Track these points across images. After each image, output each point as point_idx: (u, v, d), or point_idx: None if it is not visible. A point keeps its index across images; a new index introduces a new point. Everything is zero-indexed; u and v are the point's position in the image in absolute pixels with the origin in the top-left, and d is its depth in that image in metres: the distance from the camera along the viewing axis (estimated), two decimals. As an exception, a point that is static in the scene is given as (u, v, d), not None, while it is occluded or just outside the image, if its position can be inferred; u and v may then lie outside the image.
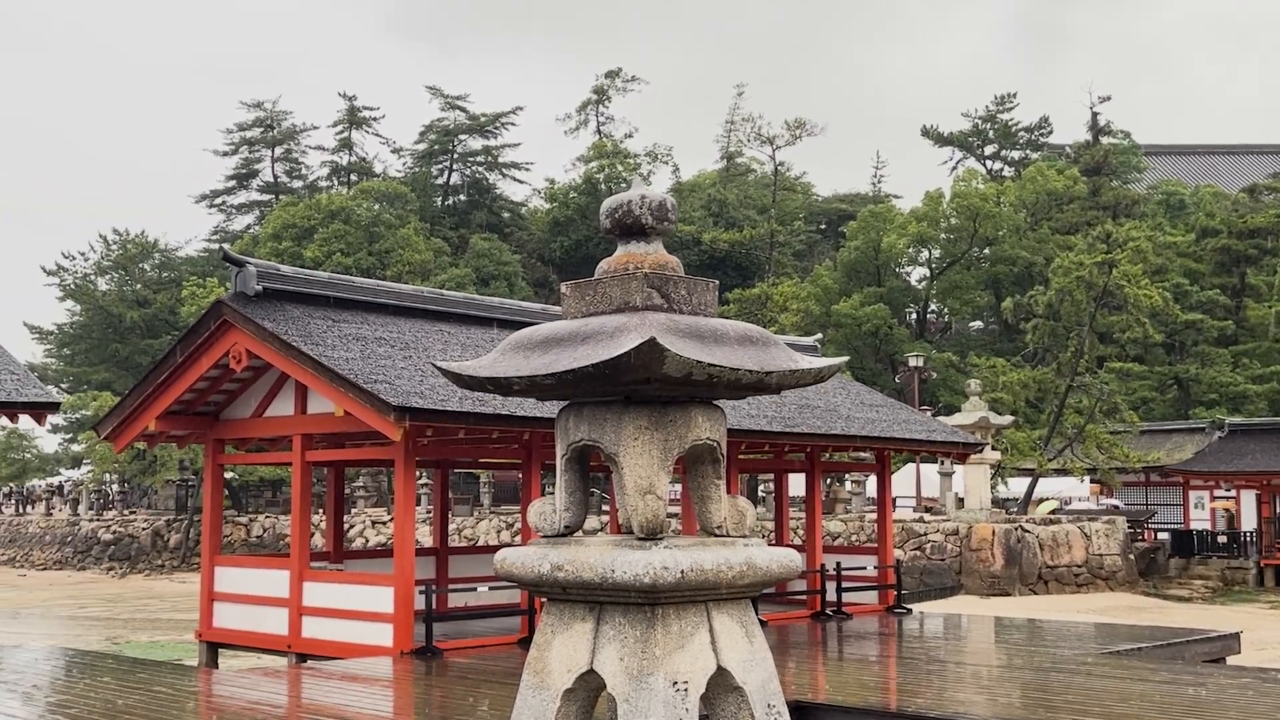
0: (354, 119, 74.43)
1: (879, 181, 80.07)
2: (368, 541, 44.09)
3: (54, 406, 15.87)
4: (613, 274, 4.90)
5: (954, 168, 72.12)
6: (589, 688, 4.81)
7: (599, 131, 76.80)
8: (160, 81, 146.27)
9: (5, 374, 15.28)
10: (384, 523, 44.99)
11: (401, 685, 12.41)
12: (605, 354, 4.40)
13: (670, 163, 77.33)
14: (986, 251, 58.08)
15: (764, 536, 5.60)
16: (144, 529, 49.95)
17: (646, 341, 4.28)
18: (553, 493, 5.18)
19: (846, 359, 5.73)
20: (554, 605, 4.93)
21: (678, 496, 28.84)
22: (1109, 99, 68.50)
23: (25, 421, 15.71)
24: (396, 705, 11.60)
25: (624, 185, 64.69)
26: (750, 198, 71.96)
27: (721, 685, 4.72)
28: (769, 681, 4.82)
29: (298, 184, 75.64)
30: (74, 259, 68.59)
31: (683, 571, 4.44)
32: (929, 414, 32.24)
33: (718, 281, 5.20)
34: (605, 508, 29.40)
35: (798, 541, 24.61)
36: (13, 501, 62.91)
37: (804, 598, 18.51)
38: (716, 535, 4.92)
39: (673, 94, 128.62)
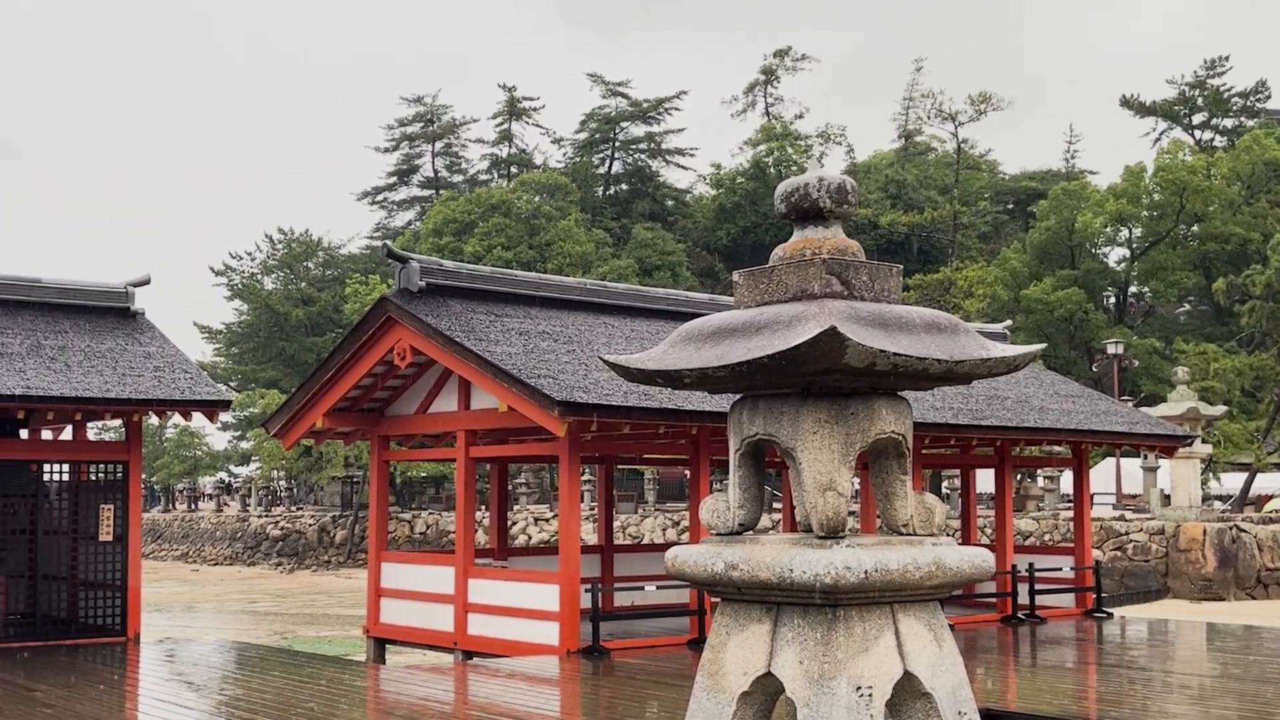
0: (514, 110, 75.92)
1: (1072, 157, 77.32)
2: (530, 539, 45.04)
3: (225, 404, 16.79)
4: (788, 260, 4.90)
5: (1157, 139, 69.05)
6: (766, 691, 4.83)
7: (767, 113, 76.41)
8: (324, 81, 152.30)
9: (179, 372, 16.25)
10: (546, 520, 45.87)
11: (568, 685, 12.68)
12: (782, 344, 4.41)
13: (844, 143, 76.30)
14: (1195, 229, 55.46)
15: (951, 535, 5.52)
16: (311, 525, 52.22)
17: (826, 330, 4.27)
18: (722, 489, 5.22)
19: (1043, 346, 5.58)
20: (728, 606, 4.97)
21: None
22: (1336, 56, 64.33)
23: (197, 419, 16.65)
24: (564, 705, 11.86)
25: (793, 169, 64.26)
26: (930, 178, 70.46)
27: (908, 691, 4.68)
28: (960, 688, 4.76)
29: (458, 178, 77.69)
30: (241, 259, 72.16)
31: (866, 572, 4.43)
32: (1130, 404, 31.05)
33: (901, 266, 5.14)
34: (775, 505, 29.33)
35: (986, 541, 24.15)
36: (185, 498, 66.61)
37: (994, 600, 18.22)
38: (902, 534, 4.87)
39: (845, 72, 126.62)
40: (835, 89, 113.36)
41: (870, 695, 4.48)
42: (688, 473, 19.31)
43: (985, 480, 26.43)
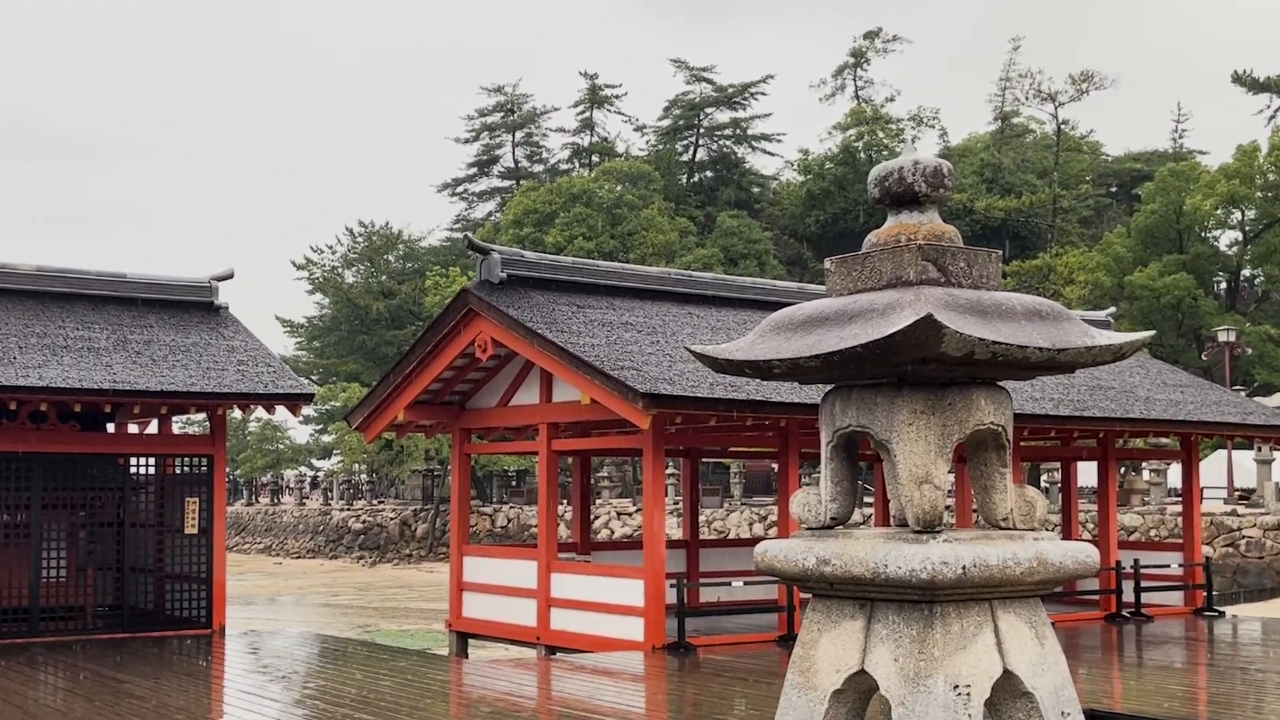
0: (595, 98, 76.10)
1: (1180, 136, 75.45)
2: (613, 533, 45.26)
3: (308, 398, 17.14)
4: (882, 247, 4.88)
5: (1272, 117, 67.04)
6: (859, 689, 4.82)
7: (857, 97, 75.74)
8: (403, 73, 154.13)
9: (262, 366, 16.61)
10: (629, 514, 46.06)
11: (653, 681, 12.74)
12: (876, 333, 4.39)
13: (937, 126, 75.26)
14: (1312, 209, 53.84)
15: (1051, 530, 5.48)
16: (392, 519, 53.03)
17: (922, 319, 4.24)
18: (809, 483, 5.21)
19: (1151, 334, 5.47)
20: (820, 602, 4.97)
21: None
22: None
23: (280, 413, 17.03)
24: (649, 702, 11.92)
25: (884, 153, 63.59)
26: (1028, 161, 69.25)
27: (1008, 690, 4.64)
28: (1063, 688, 4.71)
29: (538, 168, 78.10)
30: (321, 252, 73.35)
31: (964, 567, 4.39)
32: (1243, 394, 30.30)
33: (1000, 251, 5.08)
34: (865, 499, 29.14)
35: (1088, 536, 23.79)
36: (268, 491, 68.07)
37: (1096, 598, 18.00)
38: (1001, 528, 4.83)
39: (938, 53, 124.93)
40: (928, 71, 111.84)
41: (968, 694, 4.45)
42: (775, 466, 19.26)
43: (1087, 473, 26.00)
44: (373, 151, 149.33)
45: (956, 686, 4.44)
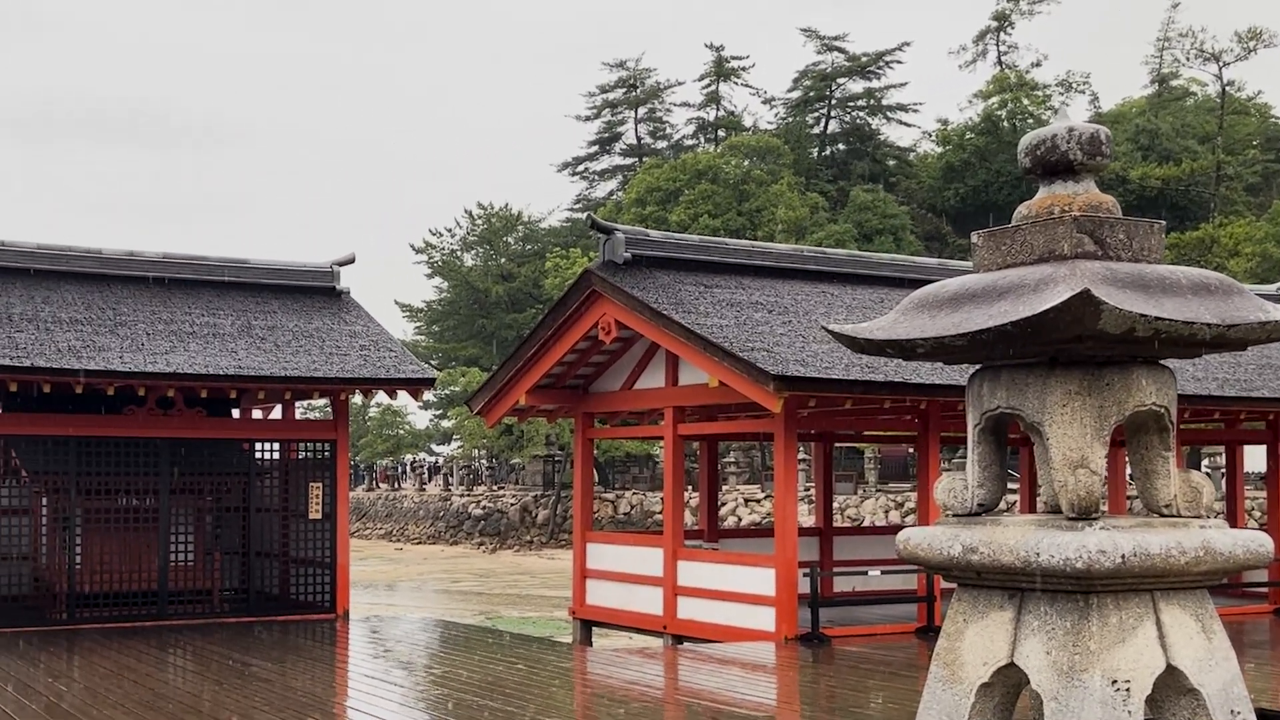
0: (721, 71, 75.77)
1: (1356, 95, 72.16)
2: (740, 521, 45.27)
3: (430, 382, 17.54)
4: (1035, 219, 4.81)
5: None
6: (1008, 683, 4.79)
7: (1000, 63, 74.15)
8: (526, 48, 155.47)
9: (384, 351, 17.04)
10: (757, 500, 46.02)
11: (786, 673, 12.77)
12: (1028, 310, 4.34)
13: (1087, 92, 73.33)
14: None
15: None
16: (512, 505, 53.86)
17: (1078, 294, 4.19)
18: (949, 468, 5.17)
19: (1334, 307, 5.32)
20: (966, 591, 4.95)
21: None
22: None
23: (402, 397, 17.46)
24: (781, 694, 11.95)
25: (1030, 121, 62.20)
26: (1188, 126, 67.00)
27: (1172, 687, 4.56)
28: (1232, 685, 4.61)
29: (662, 144, 78.14)
30: (440, 235, 74.59)
31: (1123, 556, 4.33)
32: None
33: (1163, 222, 4.97)
34: (1011, 485, 28.70)
35: (1254, 525, 23.09)
36: (389, 477, 69.67)
37: (1264, 590, 17.60)
38: (1163, 515, 4.75)
39: (1089, 13, 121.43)
40: (1077, 33, 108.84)
41: (1128, 690, 4.39)
42: (913, 450, 19.07)
43: (1254, 458, 25.27)
44: (492, 132, 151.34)
45: (1115, 682, 4.38)
